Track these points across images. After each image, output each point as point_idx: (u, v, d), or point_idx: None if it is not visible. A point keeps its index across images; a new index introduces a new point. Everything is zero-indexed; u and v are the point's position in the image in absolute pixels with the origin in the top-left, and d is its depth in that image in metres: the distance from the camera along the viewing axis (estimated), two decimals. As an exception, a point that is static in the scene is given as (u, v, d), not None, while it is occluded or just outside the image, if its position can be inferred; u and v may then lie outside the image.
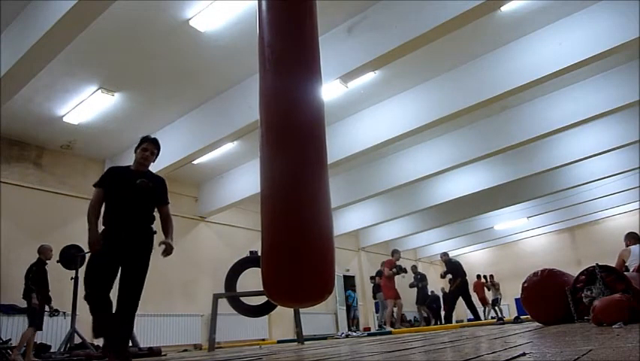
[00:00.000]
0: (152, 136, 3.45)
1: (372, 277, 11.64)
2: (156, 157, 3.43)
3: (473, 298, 10.18)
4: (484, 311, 12.92)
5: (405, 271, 9.51)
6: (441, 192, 10.98)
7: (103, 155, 8.42)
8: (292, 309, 6.26)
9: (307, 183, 2.23)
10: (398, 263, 9.45)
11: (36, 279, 5.61)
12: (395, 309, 9.50)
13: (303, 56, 2.47)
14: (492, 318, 11.31)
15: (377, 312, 10.95)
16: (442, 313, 11.35)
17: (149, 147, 3.37)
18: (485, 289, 13.57)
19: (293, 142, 2.29)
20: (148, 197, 3.30)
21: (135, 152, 3.40)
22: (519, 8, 5.73)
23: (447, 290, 10.73)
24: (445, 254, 10.24)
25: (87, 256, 6.40)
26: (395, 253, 9.64)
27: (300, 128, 2.32)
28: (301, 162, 2.27)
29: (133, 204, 3.23)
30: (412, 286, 10.98)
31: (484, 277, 13.93)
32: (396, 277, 9.58)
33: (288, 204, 2.20)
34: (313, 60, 2.49)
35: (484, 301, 13.05)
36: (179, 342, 8.51)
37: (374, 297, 11.07)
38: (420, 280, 10.95)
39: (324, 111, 2.48)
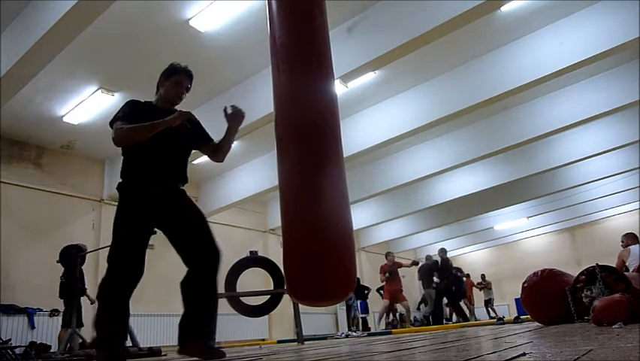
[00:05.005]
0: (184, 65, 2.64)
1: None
2: None
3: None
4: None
5: (395, 272, 9.59)
6: (441, 192, 10.97)
7: (103, 155, 8.43)
8: (292, 309, 6.26)
9: (327, 179, 2.24)
10: (394, 263, 9.57)
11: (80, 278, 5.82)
12: (403, 310, 9.65)
13: (317, 55, 2.49)
14: (491, 318, 11.31)
15: (362, 313, 10.98)
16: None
17: (185, 81, 2.60)
18: (477, 289, 13.53)
19: (311, 140, 2.30)
20: (188, 146, 2.59)
21: (161, 84, 2.62)
22: (519, 8, 5.73)
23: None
24: (443, 251, 10.22)
25: (84, 252, 6.41)
26: (389, 254, 9.75)
27: (317, 126, 2.34)
28: (320, 159, 2.28)
29: (173, 156, 2.50)
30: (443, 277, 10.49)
31: (482, 276, 13.93)
32: (403, 278, 9.69)
33: (308, 202, 2.21)
34: (326, 59, 2.53)
35: (470, 300, 12.97)
36: (179, 342, 8.49)
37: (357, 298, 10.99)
38: (457, 271, 10.72)
39: (338, 108, 2.51)
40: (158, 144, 2.39)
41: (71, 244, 6.21)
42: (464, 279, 11.43)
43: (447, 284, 9.57)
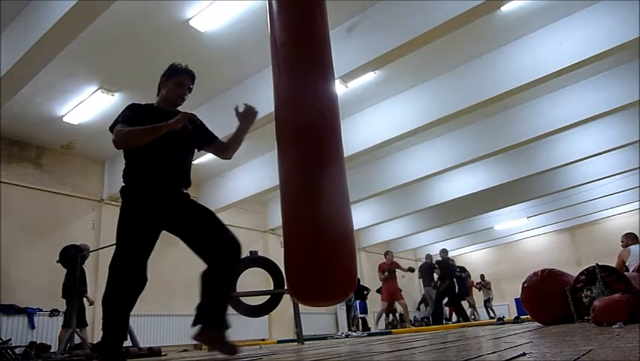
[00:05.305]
0: (185, 65, 2.60)
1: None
2: None
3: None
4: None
5: (393, 272, 9.63)
6: (441, 192, 10.98)
7: (103, 155, 8.43)
8: (292, 309, 6.26)
9: (327, 179, 2.24)
10: (392, 262, 9.62)
11: (81, 278, 5.85)
12: (402, 309, 9.68)
13: (317, 55, 2.50)
14: (491, 318, 11.32)
15: (360, 313, 10.98)
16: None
17: (187, 81, 2.56)
18: (476, 289, 13.51)
19: (311, 140, 2.31)
20: (191, 148, 2.58)
21: (162, 85, 2.58)
22: (519, 8, 5.73)
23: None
24: (444, 251, 10.24)
25: (84, 252, 6.39)
26: (387, 253, 9.80)
27: (318, 126, 2.35)
28: (320, 159, 2.29)
29: (175, 158, 2.47)
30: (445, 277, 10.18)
31: (481, 276, 13.94)
32: (403, 278, 9.72)
33: (308, 202, 2.21)
34: (326, 59, 2.54)
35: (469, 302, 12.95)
36: (179, 342, 8.51)
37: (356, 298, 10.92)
38: (461, 272, 10.76)
39: (338, 108, 2.51)
40: (160, 146, 2.35)
41: (71, 244, 6.21)
42: (467, 279, 11.45)
43: (448, 285, 9.58)
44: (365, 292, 11.07)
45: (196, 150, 2.68)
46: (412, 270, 10.25)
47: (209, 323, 2.30)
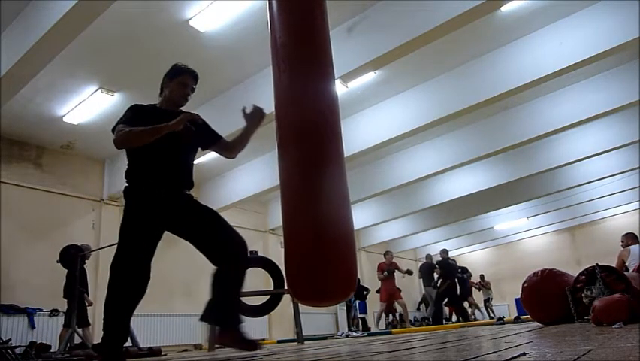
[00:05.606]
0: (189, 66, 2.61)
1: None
2: None
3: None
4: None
5: (393, 272, 9.65)
6: (441, 192, 10.98)
7: (103, 155, 8.43)
8: (292, 309, 6.26)
9: (328, 179, 2.25)
10: (391, 263, 9.63)
11: (81, 278, 5.87)
12: (401, 309, 9.70)
13: (317, 55, 2.50)
14: (491, 318, 11.32)
15: (361, 313, 10.97)
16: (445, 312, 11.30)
17: (190, 82, 2.58)
18: (476, 289, 13.52)
19: (312, 140, 2.31)
20: (192, 148, 2.60)
21: (165, 86, 2.58)
22: (519, 8, 5.73)
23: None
24: (444, 251, 10.26)
25: (84, 252, 6.39)
26: (387, 253, 9.82)
27: (318, 125, 2.35)
28: (320, 158, 2.29)
29: (177, 159, 2.48)
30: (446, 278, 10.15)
31: (481, 276, 13.94)
32: (403, 278, 9.73)
33: (309, 202, 2.21)
34: (326, 59, 2.54)
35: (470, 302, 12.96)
36: (179, 342, 8.51)
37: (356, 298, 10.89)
38: (463, 272, 10.76)
39: (338, 108, 2.51)
40: (162, 147, 2.35)
41: (71, 244, 6.21)
42: (468, 280, 11.47)
43: (449, 285, 9.59)
44: (365, 293, 11.09)
45: (201, 149, 2.70)
46: (409, 273, 10.22)
47: (228, 324, 2.35)
